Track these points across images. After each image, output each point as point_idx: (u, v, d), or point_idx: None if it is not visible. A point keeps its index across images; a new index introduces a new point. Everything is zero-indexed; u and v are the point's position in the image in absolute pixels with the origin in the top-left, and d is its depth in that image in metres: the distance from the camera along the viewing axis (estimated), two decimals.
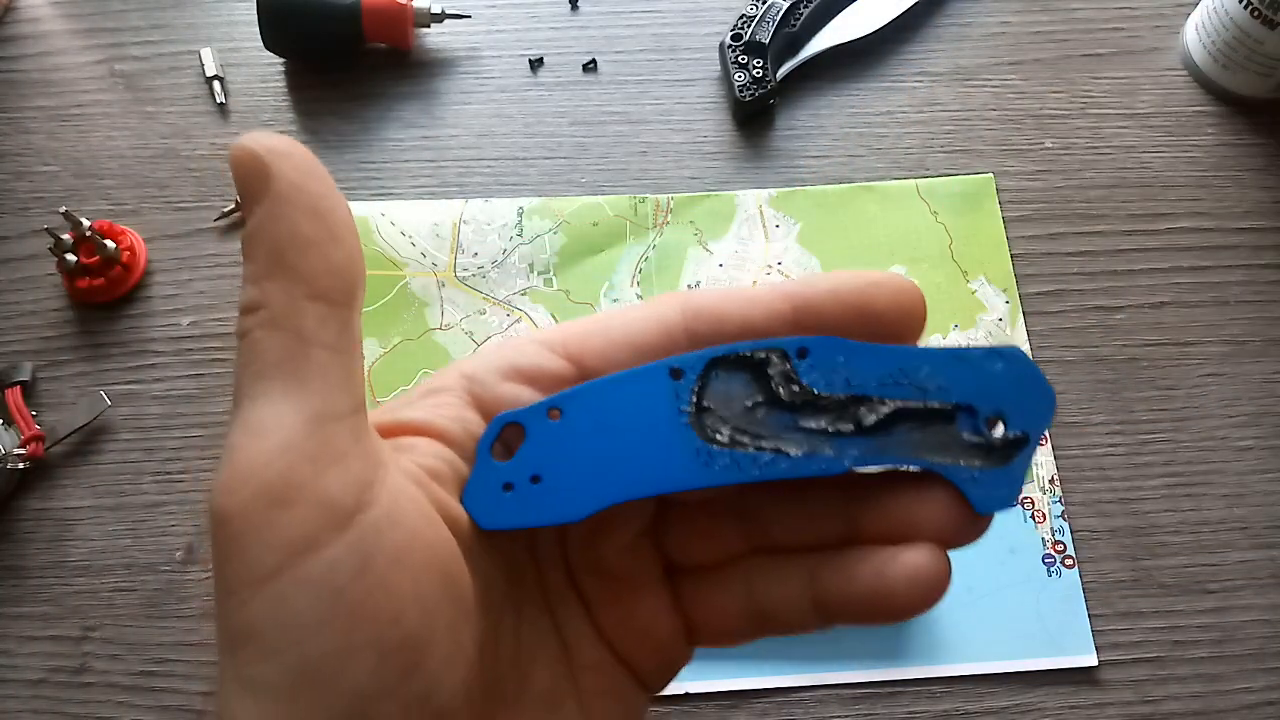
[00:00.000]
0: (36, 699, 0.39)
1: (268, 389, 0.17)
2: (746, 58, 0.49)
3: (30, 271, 0.46)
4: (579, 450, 0.20)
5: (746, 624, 0.22)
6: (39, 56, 0.51)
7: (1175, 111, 0.50)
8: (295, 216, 0.18)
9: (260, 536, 0.16)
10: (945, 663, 0.39)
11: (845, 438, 0.20)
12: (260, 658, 0.16)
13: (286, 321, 0.17)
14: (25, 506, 0.42)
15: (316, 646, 0.16)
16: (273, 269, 0.17)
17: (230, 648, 0.17)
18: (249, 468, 0.17)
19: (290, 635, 0.16)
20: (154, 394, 0.44)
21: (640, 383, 0.20)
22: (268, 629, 0.16)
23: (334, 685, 0.17)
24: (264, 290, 0.17)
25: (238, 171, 0.18)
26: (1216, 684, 0.40)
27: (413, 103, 0.50)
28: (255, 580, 0.16)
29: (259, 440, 0.17)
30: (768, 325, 0.20)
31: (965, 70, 0.51)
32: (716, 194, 0.48)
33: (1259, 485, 0.43)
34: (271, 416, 0.17)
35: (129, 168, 0.48)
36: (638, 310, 0.21)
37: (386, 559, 0.17)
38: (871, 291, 0.20)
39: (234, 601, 0.16)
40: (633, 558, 0.22)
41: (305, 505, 0.17)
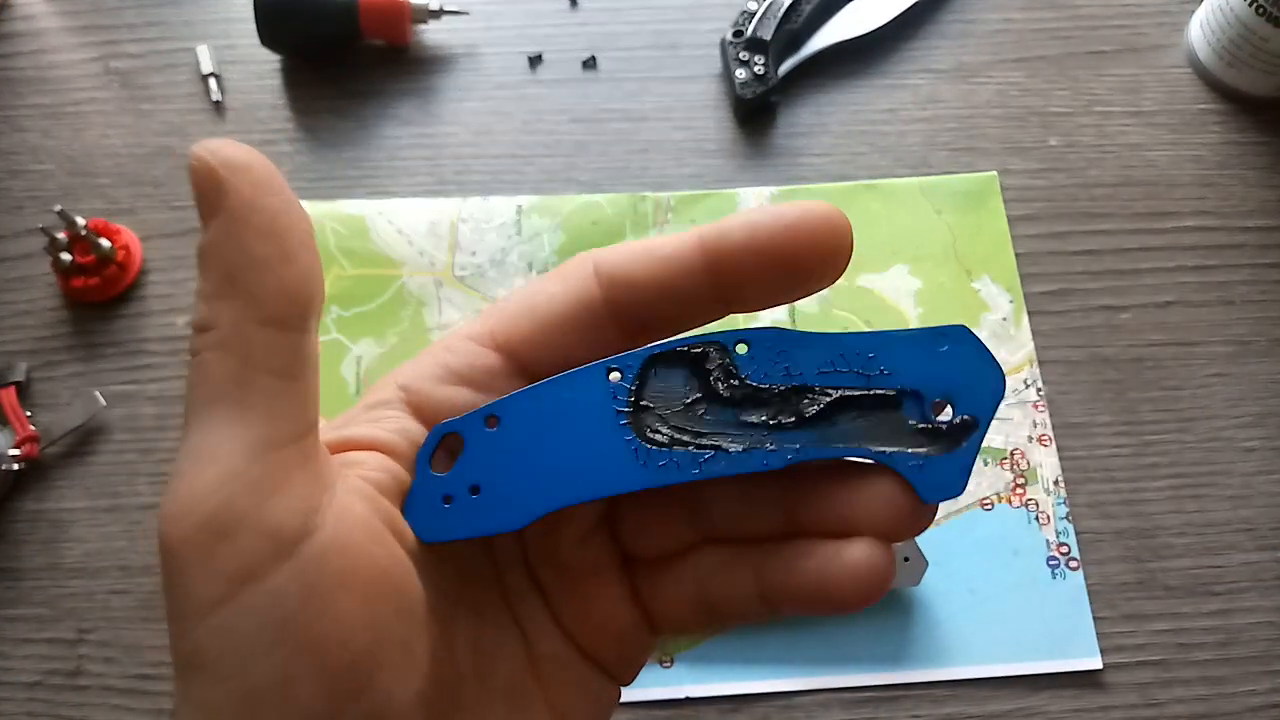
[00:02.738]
0: (31, 702, 0.39)
1: (213, 414, 0.17)
2: (748, 54, 0.48)
3: (25, 271, 0.45)
4: (517, 457, 0.20)
5: (699, 614, 0.22)
6: (34, 54, 0.50)
7: (1180, 109, 0.50)
8: (248, 236, 0.17)
9: (203, 567, 0.16)
10: (948, 666, 0.39)
11: (787, 431, 0.20)
12: (209, 683, 0.17)
13: (234, 346, 0.17)
14: (20, 508, 0.41)
15: (262, 672, 0.17)
16: (224, 289, 0.17)
17: (182, 673, 0.17)
18: (191, 497, 0.17)
19: (235, 663, 0.16)
20: (149, 394, 0.43)
21: (577, 385, 0.20)
22: (214, 657, 0.16)
23: (282, 709, 0.17)
24: (215, 310, 0.17)
25: (194, 181, 0.17)
26: (1221, 686, 0.39)
27: (410, 100, 0.49)
28: (200, 609, 0.16)
29: (202, 468, 0.17)
30: (682, 284, 0.20)
31: (969, 67, 0.51)
32: (717, 192, 0.47)
33: (1264, 486, 0.42)
34: (214, 443, 0.17)
35: (124, 166, 0.48)
36: (557, 285, 0.20)
37: (332, 584, 0.17)
38: (785, 236, 0.19)
39: (182, 628, 0.17)
40: (589, 550, 0.22)
41: (247, 535, 0.17)
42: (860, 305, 0.45)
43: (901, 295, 0.44)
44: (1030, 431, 0.43)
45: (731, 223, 0.19)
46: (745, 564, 0.21)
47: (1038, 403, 0.43)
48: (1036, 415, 0.43)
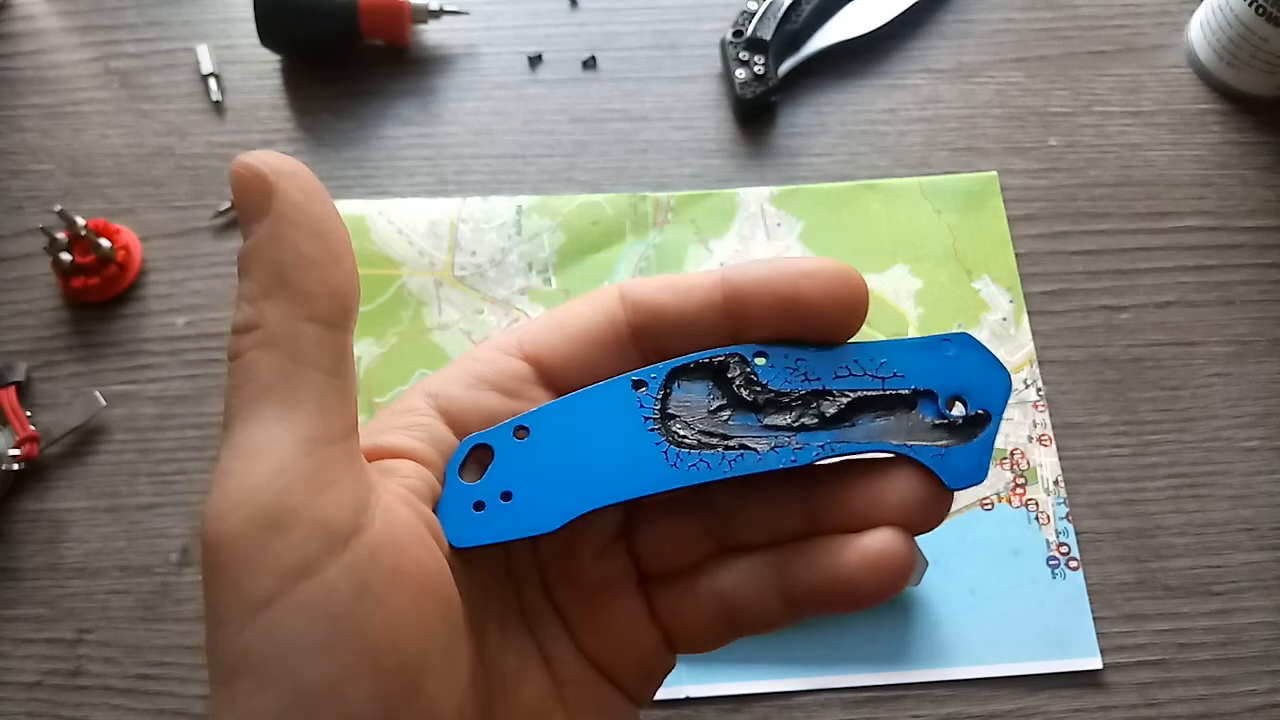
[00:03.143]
0: (31, 702, 0.39)
1: (261, 411, 0.17)
2: (748, 54, 0.48)
3: (25, 271, 0.45)
4: (548, 465, 0.21)
5: (720, 626, 0.22)
6: (33, 54, 0.50)
7: (1180, 109, 0.50)
8: (298, 237, 0.18)
9: (254, 563, 0.16)
10: (948, 666, 0.39)
11: (810, 431, 0.21)
12: (257, 688, 0.16)
13: (283, 343, 0.17)
14: (20, 508, 0.41)
15: (314, 674, 0.16)
16: (272, 289, 0.17)
17: (225, 680, 0.16)
18: (242, 492, 0.16)
19: (287, 663, 0.16)
20: (149, 394, 0.43)
21: (604, 396, 0.21)
22: (263, 658, 0.16)
23: (333, 713, 0.16)
24: (261, 310, 0.17)
25: (239, 188, 0.18)
26: (1221, 686, 0.39)
27: (410, 100, 0.49)
28: (250, 608, 0.16)
29: (252, 464, 0.17)
30: (701, 316, 0.21)
31: (969, 67, 0.51)
32: (717, 192, 0.47)
33: (1264, 486, 0.42)
34: (265, 440, 0.17)
35: (124, 166, 0.48)
36: (585, 305, 0.21)
37: (383, 582, 0.17)
38: (802, 282, 0.20)
39: (228, 631, 0.16)
40: (605, 566, 0.22)
41: (301, 529, 0.16)
42: None
43: (901, 295, 0.44)
44: (1030, 431, 0.43)
45: (754, 265, 0.21)
46: (766, 568, 0.21)
47: (1038, 403, 0.43)
48: (1036, 415, 0.43)
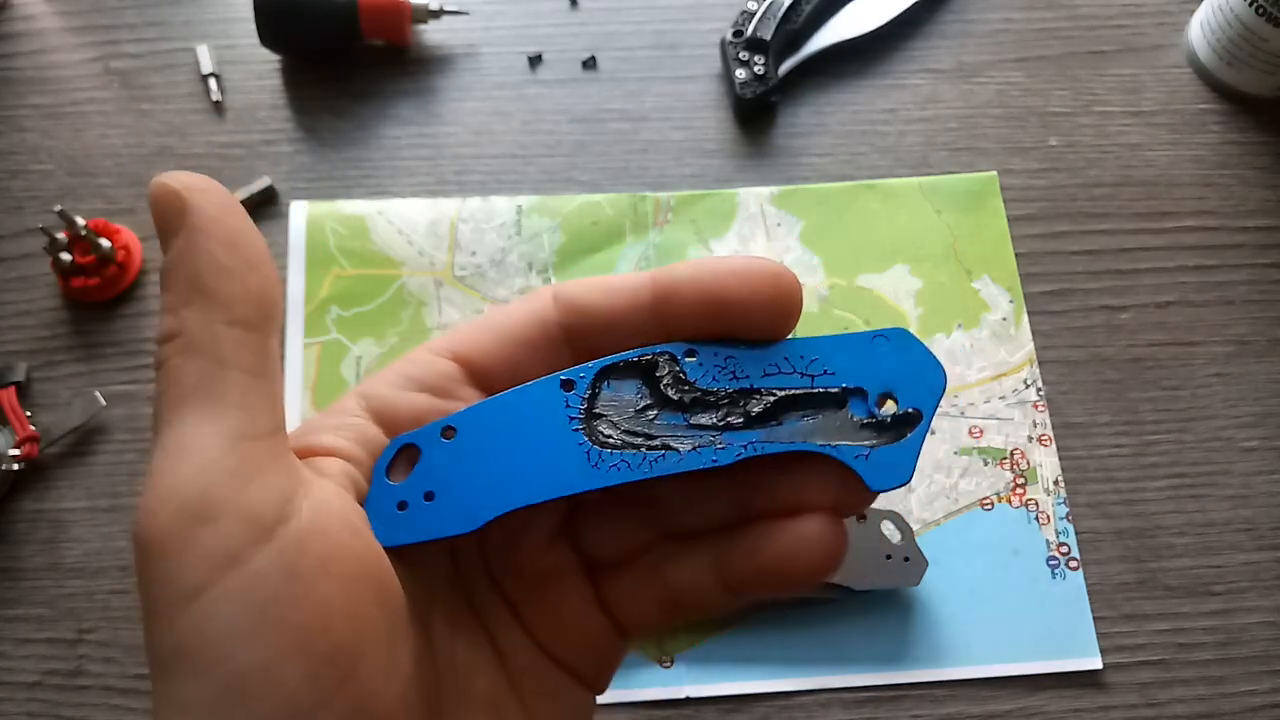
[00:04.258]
0: (31, 702, 0.39)
1: (186, 413, 0.18)
2: (748, 54, 0.48)
3: (25, 271, 0.45)
4: (472, 465, 0.21)
5: (663, 611, 0.22)
6: (33, 54, 0.50)
7: (1180, 109, 0.50)
8: (211, 246, 0.18)
9: (183, 554, 0.17)
10: (948, 666, 0.39)
11: (736, 430, 0.21)
12: (192, 677, 0.16)
13: (204, 347, 0.18)
14: (20, 508, 0.41)
15: (245, 659, 0.16)
16: (190, 296, 0.18)
17: (162, 671, 0.17)
18: (169, 489, 0.17)
19: (219, 650, 0.16)
20: (149, 394, 0.43)
21: (531, 395, 0.21)
22: (196, 646, 0.16)
23: (266, 698, 0.17)
24: (181, 318, 0.18)
25: (155, 206, 0.18)
26: (1221, 686, 0.39)
27: (410, 100, 0.49)
28: (181, 599, 0.16)
29: (178, 461, 0.17)
30: (630, 316, 0.21)
31: (968, 67, 0.51)
32: (717, 192, 0.47)
33: (1264, 486, 0.42)
34: (190, 438, 0.17)
35: (124, 166, 0.48)
36: (517, 307, 0.22)
37: (311, 569, 0.17)
38: (729, 282, 0.20)
39: (161, 624, 0.17)
40: (550, 558, 0.22)
41: (227, 519, 0.17)
42: (860, 305, 0.45)
43: (901, 295, 0.44)
44: (1030, 431, 0.43)
45: (684, 265, 0.21)
46: (703, 553, 0.22)
47: (1038, 403, 0.43)
48: (1036, 415, 0.43)
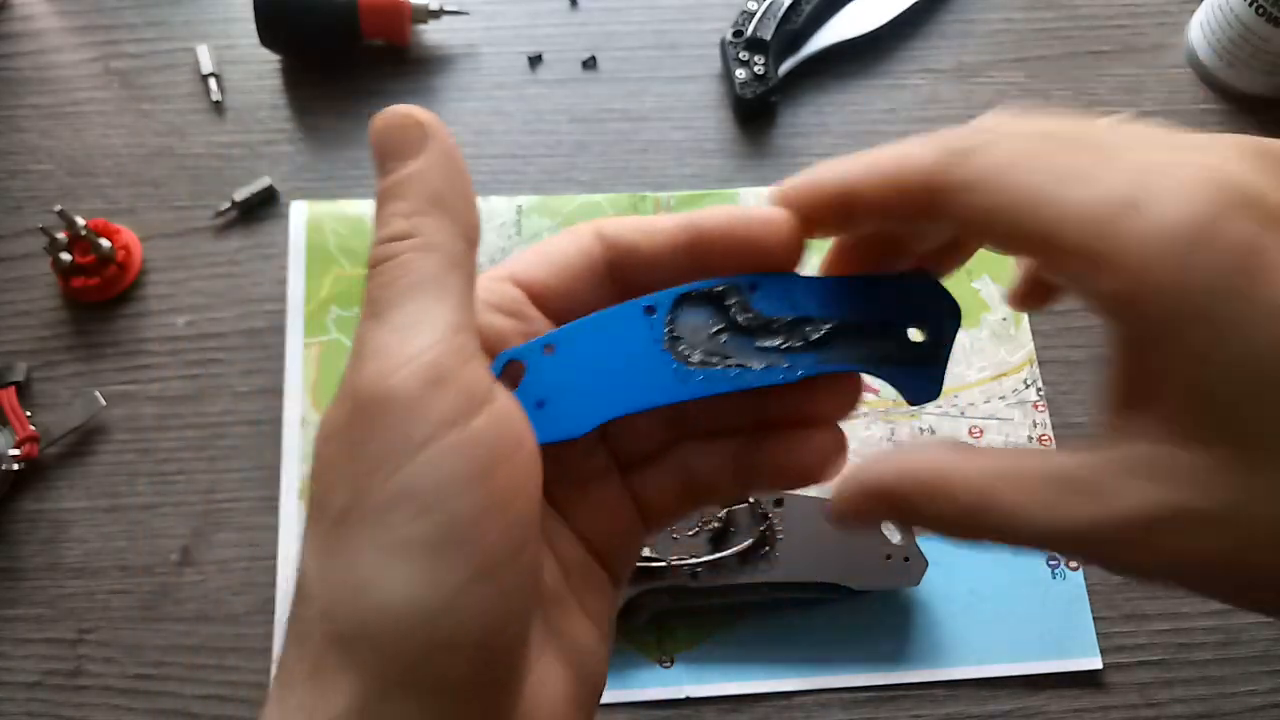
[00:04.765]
0: (32, 702, 0.39)
1: (419, 297, 0.21)
2: (748, 54, 0.48)
3: (25, 271, 0.45)
4: (575, 377, 0.24)
5: (683, 499, 0.26)
6: (33, 54, 0.50)
7: (1180, 109, 0.50)
8: (451, 172, 0.22)
9: (416, 411, 0.19)
10: (948, 666, 0.39)
11: (796, 353, 0.25)
12: (414, 516, 0.19)
13: (440, 248, 0.21)
14: (20, 508, 0.41)
15: (461, 506, 0.19)
16: (428, 209, 0.21)
17: (377, 515, 0.19)
18: (405, 356, 0.20)
19: (441, 494, 0.19)
20: (149, 394, 0.43)
21: (619, 318, 0.24)
22: (422, 489, 0.19)
23: (473, 544, 0.19)
24: (416, 223, 0.21)
25: (394, 127, 0.22)
26: (1221, 686, 0.39)
27: (410, 100, 0.49)
28: (412, 448, 0.19)
29: (413, 334, 0.20)
30: (667, 254, 0.24)
31: (969, 67, 0.51)
32: (717, 192, 0.47)
33: None
34: (424, 316, 0.20)
35: (124, 166, 0.48)
36: (565, 240, 0.25)
37: (508, 444, 0.20)
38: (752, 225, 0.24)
39: (387, 469, 0.19)
40: (592, 461, 0.25)
41: (454, 387, 0.20)
42: None
43: None
44: (1030, 431, 0.43)
45: (711, 211, 0.25)
46: (723, 450, 0.25)
47: (1038, 403, 0.43)
48: (1036, 415, 0.43)
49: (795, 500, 0.39)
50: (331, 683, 0.19)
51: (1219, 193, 0.19)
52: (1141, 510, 0.20)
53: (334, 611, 0.19)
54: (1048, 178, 0.21)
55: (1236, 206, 0.19)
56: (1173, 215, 0.19)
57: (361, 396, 0.20)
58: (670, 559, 0.38)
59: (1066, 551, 0.23)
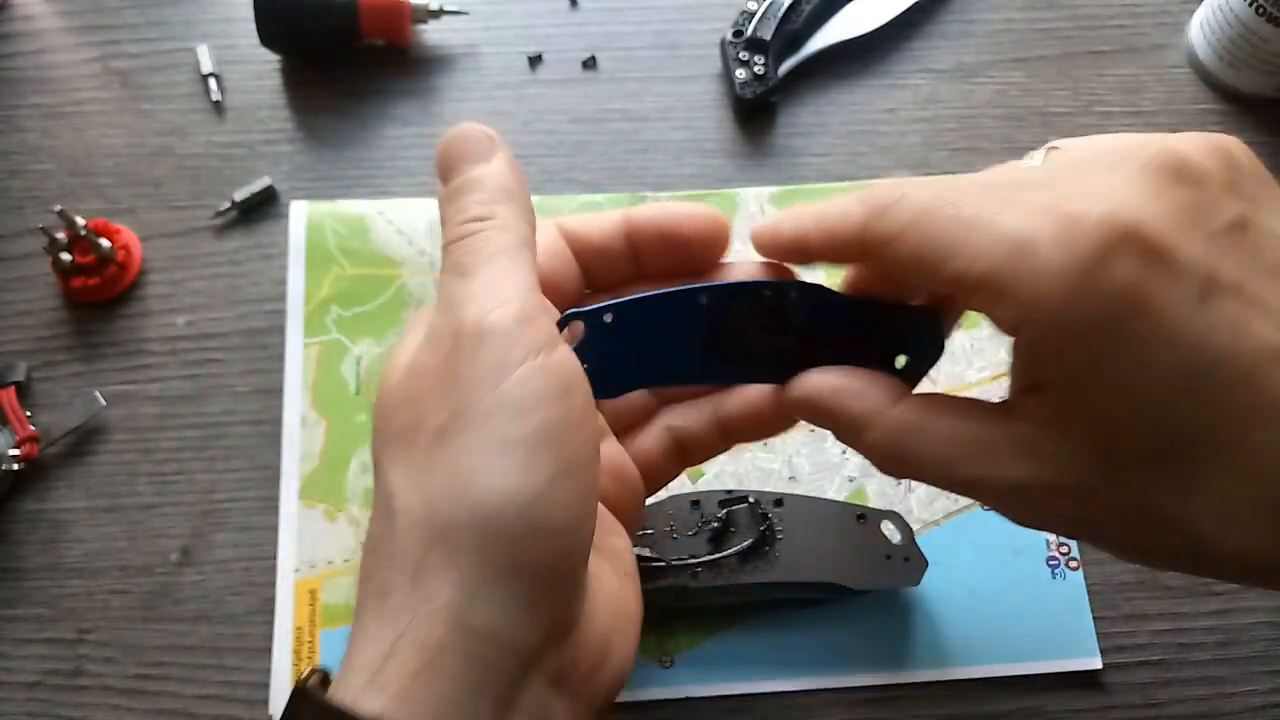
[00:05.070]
0: (31, 701, 0.39)
1: (500, 263, 0.25)
2: (748, 54, 0.48)
3: (24, 271, 0.45)
4: (624, 346, 0.28)
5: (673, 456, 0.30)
6: (33, 54, 0.50)
7: (1180, 109, 0.50)
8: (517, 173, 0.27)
9: (511, 340, 0.24)
10: (948, 666, 0.39)
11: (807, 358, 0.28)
12: (513, 420, 0.23)
13: (514, 230, 0.26)
14: (20, 508, 0.41)
15: (549, 416, 0.23)
16: (504, 199, 0.26)
17: (482, 422, 0.23)
18: (498, 300, 0.24)
19: (534, 402, 0.23)
20: (149, 394, 0.43)
21: (671, 302, 0.28)
22: (519, 398, 0.23)
23: (560, 447, 0.23)
24: (493, 209, 0.26)
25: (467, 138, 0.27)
26: (1221, 687, 0.39)
27: (410, 100, 0.49)
28: (509, 367, 0.23)
29: (500, 288, 0.25)
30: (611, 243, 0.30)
31: (969, 67, 0.51)
32: (717, 192, 0.47)
33: None
34: (507, 278, 0.25)
35: (124, 166, 0.48)
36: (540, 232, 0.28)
37: (576, 377, 0.25)
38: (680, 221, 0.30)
39: (487, 386, 0.23)
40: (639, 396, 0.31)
41: (538, 325, 0.24)
42: None
43: None
44: None
45: (646, 208, 0.30)
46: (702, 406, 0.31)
47: None
48: None
49: (795, 500, 0.39)
50: (435, 578, 0.22)
51: (1103, 234, 0.22)
52: (1019, 480, 0.25)
53: (437, 513, 0.23)
54: (952, 226, 0.24)
55: (1118, 248, 0.22)
56: (1058, 260, 0.22)
57: (464, 332, 0.24)
58: (670, 559, 0.38)
59: (958, 493, 0.28)
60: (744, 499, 0.39)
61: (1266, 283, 0.22)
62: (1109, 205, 0.22)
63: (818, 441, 0.42)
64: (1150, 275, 0.22)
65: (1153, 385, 0.22)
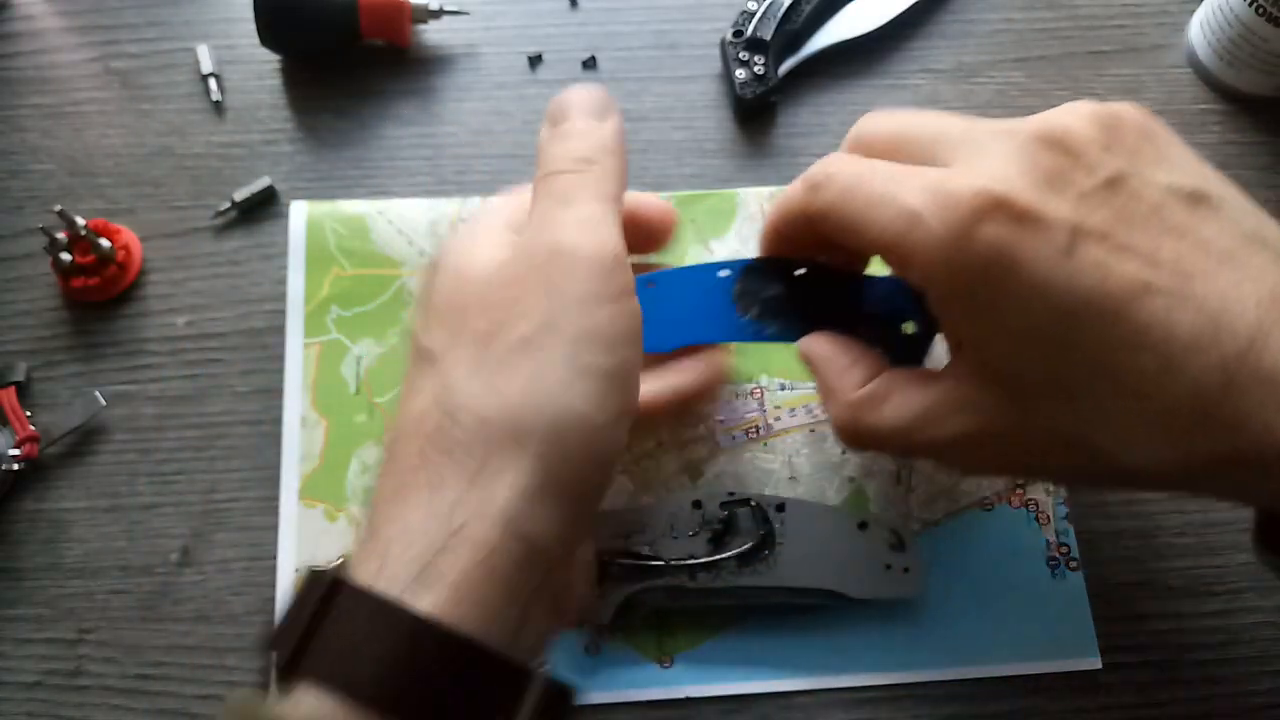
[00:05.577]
0: (31, 702, 0.39)
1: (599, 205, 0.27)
2: (748, 54, 0.48)
3: (24, 271, 0.45)
4: (664, 309, 0.33)
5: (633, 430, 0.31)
6: (33, 54, 0.50)
7: (1180, 109, 0.50)
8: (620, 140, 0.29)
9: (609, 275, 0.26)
10: (948, 666, 0.39)
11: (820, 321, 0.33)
12: (602, 350, 0.25)
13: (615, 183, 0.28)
14: (20, 508, 0.41)
15: (630, 354, 0.26)
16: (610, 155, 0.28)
17: (574, 344, 0.25)
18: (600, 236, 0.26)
19: (621, 339, 0.26)
20: (149, 394, 0.43)
21: (704, 273, 0.34)
22: (610, 332, 0.25)
23: (630, 388, 0.26)
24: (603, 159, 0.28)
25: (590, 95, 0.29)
26: (1222, 687, 0.39)
27: (410, 100, 0.49)
28: (604, 301, 0.25)
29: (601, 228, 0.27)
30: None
31: (969, 67, 0.51)
32: (717, 192, 0.47)
33: None
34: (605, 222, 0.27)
35: (124, 166, 0.48)
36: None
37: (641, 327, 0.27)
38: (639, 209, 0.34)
39: (581, 311, 0.25)
40: None
41: (628, 270, 0.27)
42: None
43: None
44: None
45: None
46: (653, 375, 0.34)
47: None
48: None
49: (797, 505, 0.39)
50: (496, 479, 0.23)
51: (972, 203, 0.26)
52: (955, 433, 0.29)
53: (514, 418, 0.24)
54: (866, 202, 0.28)
55: (988, 214, 0.26)
56: (938, 228, 0.26)
57: (564, 253, 0.25)
58: (669, 559, 0.38)
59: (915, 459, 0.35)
60: (746, 501, 0.39)
61: (1136, 229, 0.25)
62: (984, 179, 0.26)
63: (818, 442, 0.42)
64: (1018, 234, 0.25)
65: (1034, 327, 0.26)
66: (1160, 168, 0.27)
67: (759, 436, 0.42)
